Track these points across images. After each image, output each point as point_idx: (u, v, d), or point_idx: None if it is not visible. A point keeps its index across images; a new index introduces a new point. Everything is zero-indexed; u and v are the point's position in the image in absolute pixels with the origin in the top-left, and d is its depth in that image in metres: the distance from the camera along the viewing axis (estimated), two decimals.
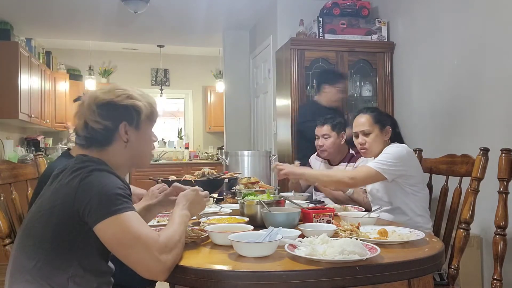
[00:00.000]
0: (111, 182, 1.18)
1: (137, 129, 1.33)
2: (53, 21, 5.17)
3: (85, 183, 1.16)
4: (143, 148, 1.37)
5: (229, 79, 5.60)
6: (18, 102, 4.65)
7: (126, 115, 1.30)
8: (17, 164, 1.97)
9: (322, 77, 3.46)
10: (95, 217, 1.13)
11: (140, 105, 1.32)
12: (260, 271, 1.10)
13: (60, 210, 1.17)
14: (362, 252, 1.14)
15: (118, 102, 1.29)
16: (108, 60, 7.26)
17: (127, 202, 1.17)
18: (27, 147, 5.61)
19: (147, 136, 1.37)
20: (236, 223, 1.58)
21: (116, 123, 1.29)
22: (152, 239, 1.13)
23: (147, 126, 1.36)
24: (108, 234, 1.13)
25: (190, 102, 7.80)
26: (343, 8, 3.80)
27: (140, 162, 1.40)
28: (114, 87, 1.33)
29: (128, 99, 1.31)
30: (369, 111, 2.26)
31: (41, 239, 1.18)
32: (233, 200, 2.17)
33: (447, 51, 3.11)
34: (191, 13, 4.86)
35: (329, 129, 2.68)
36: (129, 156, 1.34)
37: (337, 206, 2.08)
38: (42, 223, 1.19)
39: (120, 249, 1.14)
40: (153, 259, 1.11)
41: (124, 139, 1.30)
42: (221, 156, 2.90)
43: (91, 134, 1.28)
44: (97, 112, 1.27)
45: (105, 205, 1.13)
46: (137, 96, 1.34)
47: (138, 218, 1.17)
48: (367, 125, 2.20)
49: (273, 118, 4.42)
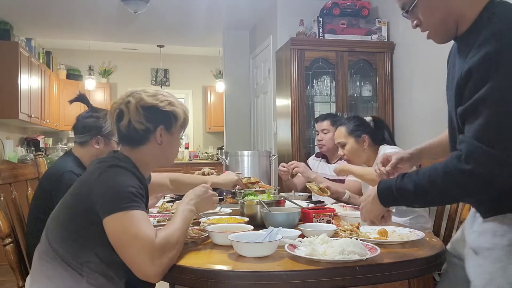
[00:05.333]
0: (126, 179, 1.24)
1: (171, 133, 1.40)
2: (53, 21, 5.17)
3: (102, 178, 1.24)
4: (172, 150, 1.45)
5: (229, 79, 5.60)
6: (18, 102, 4.65)
7: (165, 119, 1.38)
8: (17, 164, 1.97)
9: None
10: (104, 210, 1.18)
11: (179, 112, 1.40)
12: (260, 271, 1.10)
13: (80, 199, 1.25)
14: (362, 252, 1.15)
15: (161, 107, 1.36)
16: (108, 60, 7.26)
17: (136, 201, 1.20)
18: (27, 147, 5.61)
19: (176, 140, 1.46)
20: (236, 223, 1.58)
21: (155, 126, 1.36)
22: (149, 241, 1.14)
23: (179, 131, 1.44)
24: (111, 229, 1.18)
25: (190, 102, 7.80)
26: (343, 8, 3.80)
27: (165, 162, 1.46)
28: (157, 92, 1.40)
29: (170, 106, 1.38)
30: (344, 123, 2.33)
31: (63, 219, 1.27)
32: (233, 200, 2.17)
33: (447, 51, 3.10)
34: (191, 13, 4.85)
35: (329, 124, 2.73)
36: (158, 156, 1.41)
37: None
38: (66, 208, 1.28)
39: (118, 246, 1.18)
40: (146, 262, 1.13)
41: (159, 141, 1.37)
42: (221, 156, 2.90)
43: (130, 133, 1.35)
44: (141, 114, 1.33)
45: (114, 200, 1.18)
46: (177, 103, 1.42)
47: (143, 219, 1.19)
48: (342, 137, 2.29)
49: (273, 118, 4.42)
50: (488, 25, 1.04)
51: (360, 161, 2.25)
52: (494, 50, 0.98)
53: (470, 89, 1.01)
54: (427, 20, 1.17)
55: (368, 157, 2.25)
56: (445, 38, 1.20)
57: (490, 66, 0.98)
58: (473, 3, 1.10)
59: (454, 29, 1.16)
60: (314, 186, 2.18)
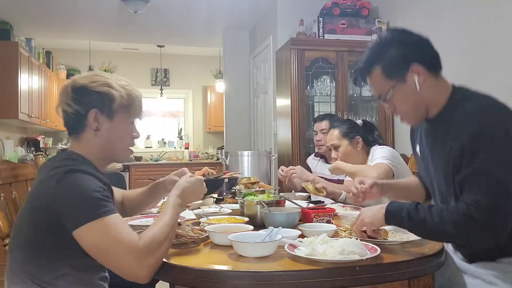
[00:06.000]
0: (87, 185, 1.14)
1: (110, 118, 1.27)
2: (53, 21, 5.17)
3: (62, 186, 1.13)
4: (116, 140, 1.30)
5: (229, 79, 5.60)
6: (18, 102, 4.65)
7: (98, 101, 1.25)
8: (17, 164, 1.97)
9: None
10: (72, 223, 1.10)
11: (115, 93, 1.26)
12: (260, 271, 1.10)
13: (41, 211, 1.14)
14: (362, 252, 1.14)
15: (92, 88, 1.24)
16: (108, 60, 7.26)
17: (105, 205, 1.13)
18: (27, 147, 5.61)
19: (122, 129, 1.30)
20: (236, 223, 1.58)
21: (86, 109, 1.24)
22: (132, 243, 1.09)
23: (122, 117, 1.29)
24: (87, 241, 1.10)
25: (190, 102, 7.81)
26: (343, 8, 3.80)
27: (114, 156, 1.33)
28: (94, 74, 1.29)
29: (104, 86, 1.25)
30: (337, 125, 2.35)
31: (26, 239, 1.18)
32: (233, 200, 2.17)
33: (447, 51, 3.10)
34: (191, 13, 4.86)
35: (328, 125, 2.74)
36: (101, 147, 1.28)
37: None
38: (27, 223, 1.19)
39: (99, 255, 1.11)
40: (133, 264, 1.09)
41: (93, 127, 1.25)
42: (221, 156, 2.90)
43: (65, 119, 1.27)
44: (70, 96, 1.24)
45: (82, 211, 1.10)
46: (116, 85, 1.27)
47: (116, 222, 1.12)
48: (335, 139, 2.32)
49: (273, 118, 4.42)
50: (460, 107, 1.25)
51: (354, 163, 2.27)
52: (477, 127, 1.17)
53: (467, 160, 1.18)
54: (401, 107, 1.35)
55: (362, 158, 2.29)
56: (417, 120, 1.38)
57: (479, 142, 1.16)
58: (441, 90, 1.32)
59: (425, 113, 1.34)
60: (310, 186, 2.18)
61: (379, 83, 1.34)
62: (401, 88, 1.31)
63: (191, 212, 1.84)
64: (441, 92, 1.32)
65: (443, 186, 1.33)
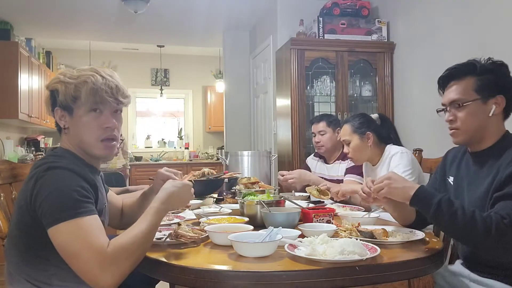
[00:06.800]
0: (65, 183, 1.12)
1: (70, 113, 1.25)
2: (53, 21, 5.17)
3: (40, 184, 1.12)
4: (83, 134, 1.25)
5: (229, 79, 5.60)
6: (18, 102, 4.65)
7: (53, 99, 1.27)
8: (17, 164, 1.97)
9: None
10: (46, 221, 1.09)
11: (59, 87, 1.23)
12: (260, 271, 1.10)
13: (25, 210, 1.14)
14: (362, 252, 1.14)
15: (47, 88, 1.28)
16: (108, 60, 7.25)
17: (80, 206, 1.10)
18: (27, 147, 5.61)
19: (83, 121, 1.24)
20: (236, 223, 1.58)
21: (51, 108, 1.28)
22: (98, 249, 1.06)
23: (80, 110, 1.24)
24: (57, 241, 1.09)
25: (190, 102, 7.81)
26: (343, 8, 3.80)
27: (87, 150, 1.28)
28: (59, 73, 1.29)
29: (54, 84, 1.25)
30: (349, 120, 2.33)
31: (17, 239, 1.19)
32: (233, 200, 2.17)
33: (447, 51, 3.11)
34: (191, 13, 4.85)
35: (325, 125, 2.73)
36: (76, 143, 1.27)
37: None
38: (16, 223, 1.19)
39: (66, 257, 1.09)
40: (96, 271, 1.05)
41: (61, 124, 1.27)
42: (221, 156, 2.90)
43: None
44: (47, 97, 1.29)
45: (55, 210, 1.08)
46: (66, 79, 1.23)
47: (90, 224, 1.09)
48: (346, 135, 2.29)
49: (273, 118, 4.42)
50: (510, 147, 1.37)
51: (363, 158, 2.28)
52: None
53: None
54: (465, 121, 1.43)
55: (372, 154, 2.26)
56: (465, 142, 1.48)
57: None
58: (500, 128, 1.44)
59: (476, 140, 1.44)
60: (314, 191, 2.17)
61: (465, 91, 1.43)
62: (478, 106, 1.41)
63: (191, 212, 1.84)
64: (499, 130, 1.44)
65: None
